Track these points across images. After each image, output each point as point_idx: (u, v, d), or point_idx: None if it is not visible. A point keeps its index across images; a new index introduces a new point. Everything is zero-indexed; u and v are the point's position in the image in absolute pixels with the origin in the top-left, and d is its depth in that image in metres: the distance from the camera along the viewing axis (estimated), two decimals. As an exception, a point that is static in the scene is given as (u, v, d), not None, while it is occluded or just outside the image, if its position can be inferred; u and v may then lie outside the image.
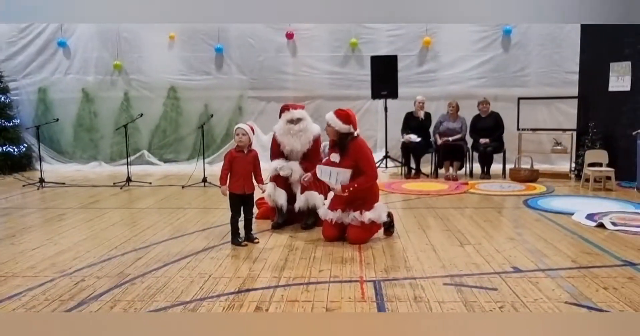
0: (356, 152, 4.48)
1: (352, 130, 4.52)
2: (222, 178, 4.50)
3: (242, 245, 4.47)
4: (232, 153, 4.50)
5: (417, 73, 10.01)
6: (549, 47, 9.75)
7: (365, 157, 4.49)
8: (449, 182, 7.82)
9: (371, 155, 4.63)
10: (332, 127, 4.51)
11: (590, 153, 7.41)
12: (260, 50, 10.20)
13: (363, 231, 4.50)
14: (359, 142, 4.55)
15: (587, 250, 4.23)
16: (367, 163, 4.48)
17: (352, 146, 4.49)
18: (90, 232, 5.10)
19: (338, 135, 4.53)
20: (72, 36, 10.32)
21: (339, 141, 4.54)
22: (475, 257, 4.08)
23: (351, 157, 4.48)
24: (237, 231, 4.56)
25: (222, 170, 4.51)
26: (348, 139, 4.52)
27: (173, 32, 10.15)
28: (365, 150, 4.53)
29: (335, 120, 4.47)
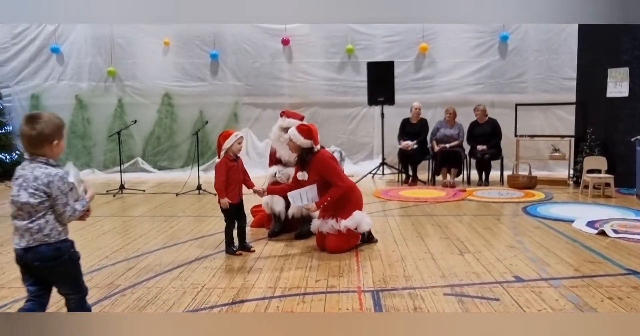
0: (319, 165, 4.40)
1: (313, 145, 4.44)
2: (222, 189, 4.31)
3: (236, 254, 4.36)
4: (228, 163, 4.38)
5: (413, 79, 9.96)
6: (545, 53, 9.72)
7: (329, 168, 4.40)
8: (447, 189, 7.73)
9: (336, 164, 4.53)
10: (293, 142, 4.44)
11: (588, 159, 7.34)
12: (256, 56, 10.12)
13: (339, 239, 4.39)
14: (320, 155, 4.45)
15: (589, 259, 4.14)
16: (333, 174, 4.40)
17: (314, 161, 4.42)
18: (81, 240, 4.97)
19: (299, 150, 4.46)
20: (65, 42, 10.22)
21: (300, 156, 4.48)
22: (476, 266, 3.99)
23: (316, 171, 4.41)
24: (232, 240, 4.45)
25: (219, 181, 4.31)
26: (309, 155, 4.44)
27: (168, 38, 10.07)
28: (328, 162, 4.43)
29: (296, 135, 4.40)
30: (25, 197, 2.35)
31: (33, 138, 2.37)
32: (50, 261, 2.43)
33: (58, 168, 2.41)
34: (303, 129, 4.42)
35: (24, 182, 2.36)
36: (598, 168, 7.21)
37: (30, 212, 2.37)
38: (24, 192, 2.36)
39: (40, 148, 2.39)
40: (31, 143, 2.38)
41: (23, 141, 2.41)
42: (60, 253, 2.44)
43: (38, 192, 2.35)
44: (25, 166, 2.40)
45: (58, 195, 2.37)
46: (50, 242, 2.40)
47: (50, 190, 2.36)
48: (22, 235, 2.40)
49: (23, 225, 2.39)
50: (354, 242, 4.48)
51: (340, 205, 4.45)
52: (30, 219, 2.37)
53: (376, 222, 5.23)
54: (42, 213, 2.38)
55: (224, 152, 4.37)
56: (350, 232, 4.40)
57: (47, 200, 2.37)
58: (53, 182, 2.36)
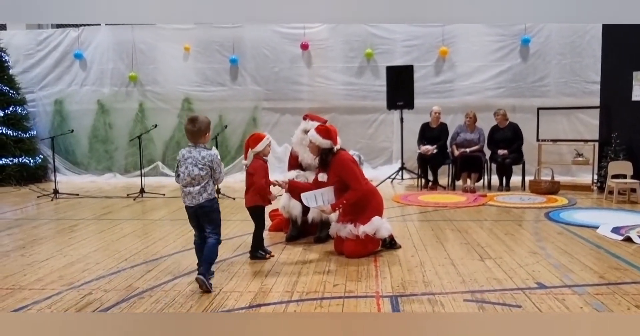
0: (338, 167, 4.37)
1: (333, 145, 4.41)
2: (267, 188, 4.33)
3: (267, 258, 4.36)
4: (265, 165, 4.39)
5: (433, 83, 9.87)
6: (568, 57, 9.55)
7: (347, 170, 4.35)
8: (467, 194, 7.63)
9: (355, 167, 4.45)
10: (313, 143, 4.41)
11: (613, 164, 7.18)
12: (275, 61, 10.15)
13: (357, 245, 4.33)
14: (340, 156, 4.41)
15: (614, 265, 4.03)
16: (351, 177, 4.34)
17: (334, 162, 4.39)
18: (101, 243, 5.02)
19: (319, 151, 4.43)
20: (88, 48, 10.39)
21: (321, 157, 4.44)
22: (497, 272, 3.91)
23: (335, 172, 4.38)
24: (262, 244, 4.44)
25: (261, 183, 4.27)
26: (329, 155, 4.41)
27: (188, 43, 10.16)
28: (347, 164, 4.38)
29: (315, 135, 4.38)
30: (196, 171, 3.57)
31: (195, 133, 3.58)
32: (209, 210, 3.66)
33: (212, 150, 3.63)
34: (321, 129, 4.41)
35: (194, 160, 3.57)
36: (623, 174, 7.04)
37: (199, 181, 3.58)
38: (195, 168, 3.57)
39: (200, 139, 3.61)
40: (194, 135, 3.59)
41: (187, 134, 3.61)
42: (214, 204, 3.70)
43: (205, 167, 3.57)
44: (192, 150, 3.60)
45: (216, 167, 3.62)
46: (210, 198, 3.65)
47: (212, 165, 3.60)
48: (194, 197, 3.62)
49: (196, 190, 3.61)
50: (372, 248, 4.43)
51: (360, 210, 4.41)
52: (200, 185, 3.59)
53: (395, 227, 5.17)
54: (206, 181, 3.61)
55: (252, 154, 4.34)
56: (368, 237, 4.35)
57: (209, 172, 3.60)
58: (213, 160, 3.59)
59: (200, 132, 3.58)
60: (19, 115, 9.81)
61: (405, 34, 9.91)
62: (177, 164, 3.68)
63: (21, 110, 9.88)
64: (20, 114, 9.83)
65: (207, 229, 3.72)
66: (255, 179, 4.30)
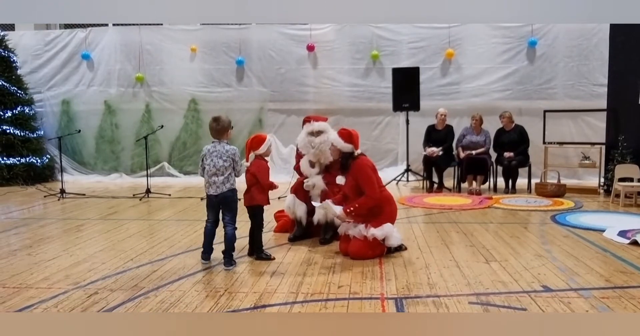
0: (356, 171, 4.41)
1: (354, 149, 4.47)
2: (272, 187, 4.39)
3: (272, 259, 4.36)
4: (267, 165, 4.42)
5: (439, 85, 9.87)
6: (576, 59, 9.53)
7: (364, 176, 4.38)
8: (472, 197, 7.62)
9: (373, 174, 4.48)
10: (334, 146, 4.48)
11: (620, 167, 7.15)
12: (281, 62, 10.17)
13: (364, 246, 4.33)
14: (360, 161, 4.46)
15: (621, 269, 4.01)
16: (367, 183, 4.37)
17: (354, 166, 4.43)
18: (107, 243, 5.04)
19: (340, 154, 4.46)
20: (95, 49, 10.45)
21: (341, 160, 4.48)
22: (502, 275, 3.90)
23: (353, 177, 4.42)
24: (262, 245, 4.46)
25: (267, 181, 4.34)
26: (350, 159, 4.46)
27: (195, 44, 10.20)
28: (366, 170, 4.41)
29: (337, 139, 4.46)
30: (221, 163, 4.08)
31: (219, 130, 4.14)
32: (231, 199, 4.15)
33: (233, 146, 4.16)
34: (344, 133, 4.48)
35: (219, 154, 4.09)
36: (630, 177, 7.01)
37: (223, 172, 4.08)
38: (220, 160, 4.08)
39: (223, 135, 4.15)
40: (218, 132, 4.14)
41: (212, 132, 4.16)
42: (235, 194, 4.18)
43: (229, 159, 4.09)
44: (216, 145, 4.13)
45: (237, 160, 4.13)
46: (232, 188, 4.14)
47: (234, 157, 4.11)
48: (218, 186, 4.10)
49: (220, 180, 4.09)
50: (377, 253, 4.41)
51: (373, 213, 4.44)
52: (224, 176, 4.09)
53: (400, 229, 5.16)
54: (229, 172, 4.11)
55: (254, 155, 4.39)
56: (376, 241, 4.36)
57: (231, 164, 4.10)
58: (235, 153, 4.12)
59: (223, 129, 4.15)
60: (27, 115, 9.88)
61: (411, 35, 9.91)
62: (201, 159, 4.17)
63: (29, 110, 9.95)
64: (27, 114, 9.90)
65: (226, 217, 4.17)
66: (260, 178, 4.32)
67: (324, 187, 4.93)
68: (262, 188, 4.35)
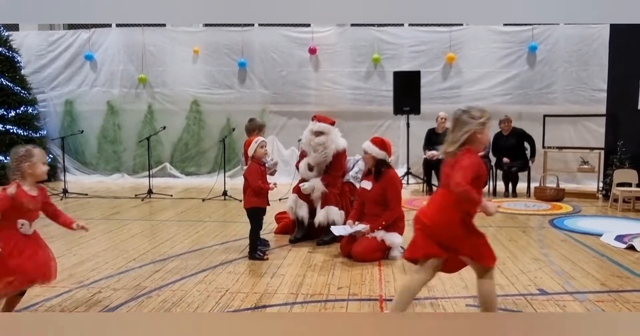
0: (388, 182, 4.52)
1: (387, 156, 4.60)
2: (266, 187, 4.44)
3: (265, 259, 4.42)
4: (259, 167, 4.47)
5: (440, 89, 9.92)
6: (575, 64, 9.59)
7: (394, 189, 4.54)
8: (472, 200, 7.66)
9: (401, 189, 4.67)
10: (369, 154, 4.58)
11: (619, 172, 7.20)
12: (283, 64, 10.24)
13: (368, 247, 4.42)
14: (393, 173, 4.63)
15: (616, 273, 4.07)
16: (394, 196, 4.54)
17: (387, 174, 4.54)
18: (109, 243, 5.11)
19: (374, 161, 4.56)
20: (99, 49, 10.51)
21: (376, 167, 4.57)
22: (499, 278, 3.95)
23: (382, 185, 4.50)
24: (257, 246, 4.52)
25: (257, 184, 4.38)
26: (383, 166, 4.56)
27: (197, 46, 10.27)
28: (397, 184, 4.59)
29: (372, 147, 4.56)
30: None
31: (248, 130, 5.38)
32: None
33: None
34: (377, 141, 4.60)
35: None
36: (629, 182, 7.07)
37: None
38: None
39: (251, 134, 5.09)
40: (248, 131, 5.36)
41: (247, 131, 5.43)
42: None
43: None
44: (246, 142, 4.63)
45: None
46: None
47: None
48: None
49: None
50: (378, 256, 4.48)
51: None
52: None
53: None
54: None
55: (251, 158, 4.47)
56: (382, 245, 4.44)
57: None
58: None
59: (251, 129, 5.38)
60: (30, 115, 9.93)
61: (412, 39, 9.98)
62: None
63: (32, 110, 10.00)
64: (31, 114, 9.95)
65: None
66: (250, 181, 4.42)
67: (324, 189, 5.00)
68: (255, 190, 4.43)
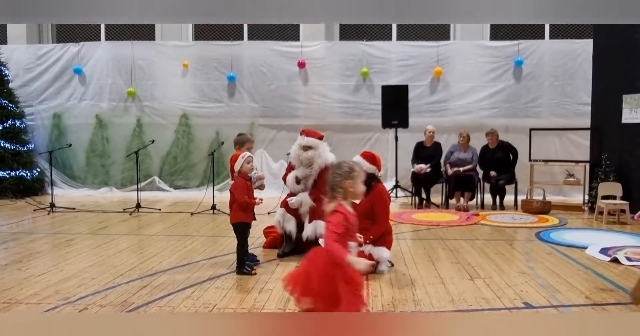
0: (377, 196, 4.55)
1: (377, 171, 4.63)
2: (252, 202, 4.44)
3: (252, 274, 4.42)
4: (246, 182, 4.49)
5: (427, 103, 10.03)
6: (560, 79, 9.76)
7: (382, 204, 4.57)
8: (460, 213, 7.73)
9: (389, 203, 4.70)
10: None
11: (603, 185, 7.30)
12: (272, 78, 10.30)
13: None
14: (382, 187, 4.66)
15: (601, 286, 4.12)
16: (383, 211, 4.56)
17: (376, 188, 4.57)
18: (96, 258, 5.08)
19: (365, 175, 4.57)
20: (88, 63, 10.51)
21: (366, 181, 4.57)
22: (486, 292, 3.99)
23: (370, 200, 4.52)
24: (245, 261, 4.52)
25: (243, 199, 4.39)
26: (373, 180, 4.58)
27: (187, 60, 10.31)
28: (385, 198, 4.62)
29: (362, 161, 4.58)
30: None
31: (236, 144, 5.18)
32: None
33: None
34: (368, 156, 4.65)
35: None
36: (613, 194, 7.16)
37: None
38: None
39: (239, 149, 4.99)
40: (236, 145, 5.14)
41: (235, 145, 5.18)
42: None
43: None
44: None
45: None
46: None
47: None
48: None
49: None
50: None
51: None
52: None
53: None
54: None
55: (237, 173, 4.49)
56: (368, 259, 4.43)
57: None
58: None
59: (237, 143, 5.20)
60: (18, 128, 9.89)
61: (400, 53, 10.10)
62: None
63: (20, 123, 9.97)
64: (18, 127, 9.91)
65: None
66: (236, 196, 4.44)
67: (312, 203, 5.01)
68: (241, 205, 4.44)
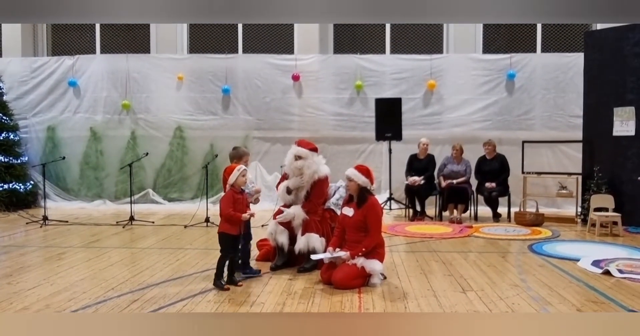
0: (370, 209, 4.57)
1: (370, 184, 4.67)
2: (232, 214, 4.43)
3: (225, 289, 4.39)
4: (234, 195, 4.49)
5: (421, 115, 10.09)
6: (552, 91, 9.84)
7: (375, 216, 4.58)
8: (453, 225, 7.74)
9: (382, 216, 4.72)
10: (354, 182, 4.65)
11: (595, 197, 7.33)
12: (267, 91, 10.34)
13: (348, 275, 4.42)
14: (375, 200, 4.68)
15: (592, 299, 4.13)
16: (376, 224, 4.57)
17: (368, 202, 4.60)
18: (88, 271, 5.05)
19: (358, 188, 4.63)
20: (82, 76, 10.53)
21: (359, 194, 4.62)
22: (477, 304, 3.99)
23: (364, 212, 4.56)
24: (222, 273, 4.51)
25: (227, 211, 4.41)
26: (366, 193, 4.63)
27: (182, 72, 10.35)
28: (378, 211, 4.64)
29: (357, 174, 4.63)
30: None
31: (231, 157, 5.16)
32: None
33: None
34: (362, 169, 4.69)
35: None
36: (605, 207, 7.19)
37: None
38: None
39: (235, 162, 4.93)
40: (232, 159, 5.11)
41: (230, 158, 5.19)
42: None
43: None
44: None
45: None
46: None
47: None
48: None
49: None
50: (357, 283, 4.48)
51: (369, 251, 4.57)
52: None
53: (380, 258, 5.25)
54: None
55: (229, 186, 4.50)
56: (361, 272, 4.45)
57: None
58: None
59: (233, 156, 5.16)
60: (11, 141, 9.88)
61: (394, 66, 10.18)
62: None
63: (13, 136, 9.95)
64: (12, 140, 9.90)
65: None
66: (221, 208, 4.48)
67: (305, 216, 5.02)
68: (225, 217, 4.46)
